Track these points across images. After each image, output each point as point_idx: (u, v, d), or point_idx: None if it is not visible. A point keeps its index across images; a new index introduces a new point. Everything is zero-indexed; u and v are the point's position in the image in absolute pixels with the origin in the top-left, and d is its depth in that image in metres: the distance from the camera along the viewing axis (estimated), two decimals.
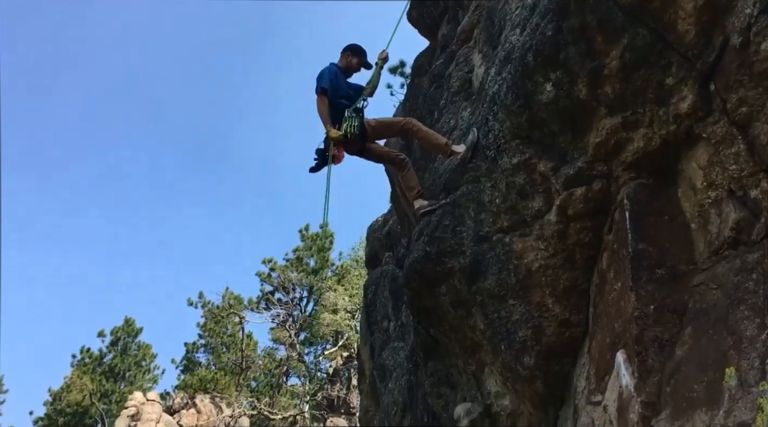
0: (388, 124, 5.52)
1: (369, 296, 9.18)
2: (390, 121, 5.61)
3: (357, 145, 5.37)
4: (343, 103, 5.38)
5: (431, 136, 5.09)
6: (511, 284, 4.00)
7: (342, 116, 5.26)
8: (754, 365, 2.33)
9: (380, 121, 5.45)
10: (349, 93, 5.53)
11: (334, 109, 5.31)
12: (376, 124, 5.36)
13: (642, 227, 3.18)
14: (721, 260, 2.81)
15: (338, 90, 5.47)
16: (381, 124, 5.43)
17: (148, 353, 31.62)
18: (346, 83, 5.72)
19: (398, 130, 5.50)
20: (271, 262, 27.26)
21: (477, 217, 4.30)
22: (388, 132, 5.71)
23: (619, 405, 2.98)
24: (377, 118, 5.47)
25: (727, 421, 2.31)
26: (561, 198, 3.72)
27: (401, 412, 6.44)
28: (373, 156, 5.58)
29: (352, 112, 5.29)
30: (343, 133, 5.16)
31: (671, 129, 3.08)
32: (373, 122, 5.36)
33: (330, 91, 5.36)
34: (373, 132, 5.37)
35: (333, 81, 5.45)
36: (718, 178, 2.88)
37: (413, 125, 5.18)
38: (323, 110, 5.32)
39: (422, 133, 5.15)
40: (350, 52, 5.84)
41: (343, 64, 5.81)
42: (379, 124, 5.41)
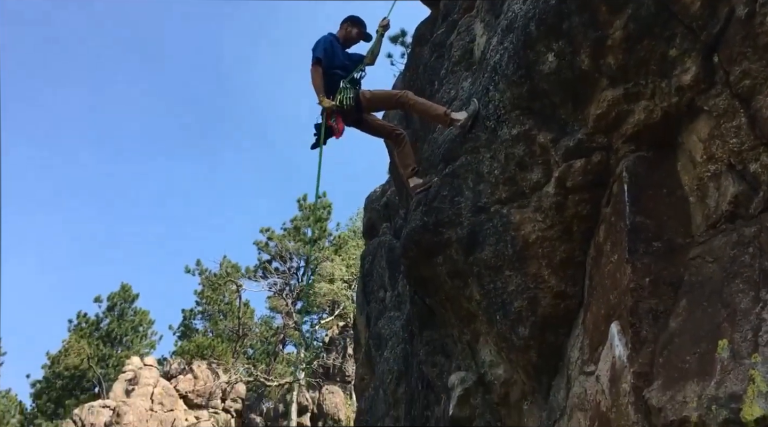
0: (384, 97, 5.42)
1: (366, 266, 9.22)
2: (386, 94, 5.51)
3: (352, 117, 5.31)
4: (338, 73, 5.33)
5: (429, 107, 5.01)
6: (508, 255, 4.01)
7: (337, 87, 5.20)
8: (747, 338, 2.34)
9: (375, 93, 5.36)
10: (345, 64, 5.47)
11: (330, 80, 5.25)
12: (371, 96, 5.28)
13: (640, 200, 3.17)
14: (718, 234, 2.81)
15: (333, 60, 5.40)
16: (376, 96, 5.35)
17: (145, 318, 31.89)
18: (344, 54, 5.64)
19: (394, 103, 5.40)
20: (268, 231, 27.35)
21: (475, 188, 4.29)
22: (384, 104, 5.62)
23: (612, 375, 3.01)
24: (373, 90, 5.39)
25: (718, 392, 2.34)
26: (560, 170, 3.71)
27: (396, 380, 6.51)
28: (370, 128, 5.54)
29: (347, 82, 5.23)
30: (335, 103, 5.10)
31: (673, 101, 3.06)
32: (368, 94, 5.29)
33: (324, 61, 5.29)
34: (368, 103, 5.29)
35: (327, 51, 5.38)
36: (718, 152, 2.87)
37: (409, 98, 5.08)
38: (317, 80, 5.26)
39: (419, 106, 5.07)
40: (349, 22, 5.77)
41: (342, 35, 5.74)
42: (375, 96, 5.33)
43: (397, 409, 6.40)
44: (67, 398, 28.43)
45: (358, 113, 5.30)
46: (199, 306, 31.03)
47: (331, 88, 5.22)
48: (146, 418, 21.92)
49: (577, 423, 3.35)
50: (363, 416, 8.04)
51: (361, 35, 5.81)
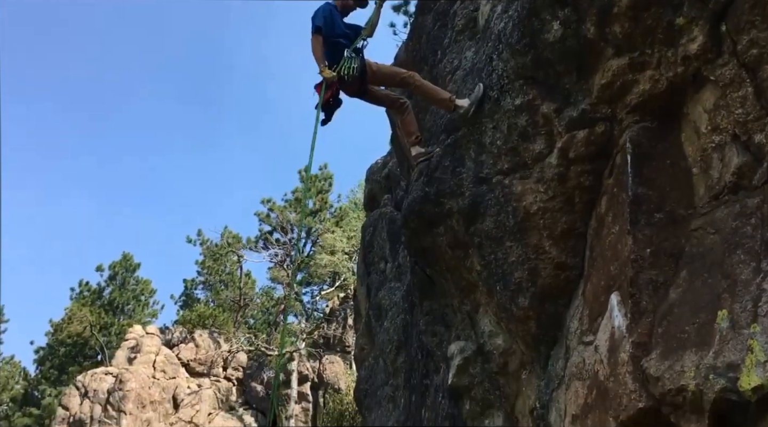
0: (390, 73, 5.31)
1: (367, 238, 9.23)
2: (392, 71, 5.38)
3: (357, 87, 5.20)
4: (341, 42, 5.18)
5: (434, 91, 4.91)
6: (509, 226, 4.01)
7: (341, 56, 5.09)
8: (747, 308, 2.35)
9: (382, 68, 5.25)
10: (347, 32, 5.33)
11: (332, 49, 5.13)
12: (377, 69, 5.17)
13: (643, 171, 3.16)
14: (721, 205, 2.80)
15: (334, 29, 5.25)
16: (382, 70, 5.23)
17: (147, 287, 32.09)
18: (344, 23, 5.50)
19: (399, 81, 5.25)
20: (269, 202, 27.31)
21: (477, 158, 4.27)
22: (389, 80, 5.44)
23: (611, 345, 3.03)
24: (380, 64, 5.26)
25: (716, 361, 2.36)
26: (563, 140, 3.69)
27: (396, 350, 6.57)
28: (374, 98, 5.45)
29: (351, 52, 5.11)
30: (337, 73, 4.99)
31: (679, 71, 3.02)
32: (374, 66, 5.16)
33: (325, 29, 5.16)
34: (374, 76, 5.17)
35: (327, 19, 5.24)
36: (723, 123, 2.84)
37: (415, 80, 4.99)
38: (318, 50, 5.12)
39: (424, 89, 4.98)
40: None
41: (340, 4, 5.57)
42: (381, 70, 5.22)
43: (397, 378, 6.47)
44: (71, 365, 28.77)
45: (362, 84, 5.17)
46: (201, 276, 31.19)
47: (334, 58, 5.07)
48: (148, 385, 22.20)
49: (575, 392, 3.38)
50: (363, 385, 8.13)
51: (359, 3, 5.65)
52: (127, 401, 21.34)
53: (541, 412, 3.87)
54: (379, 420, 6.80)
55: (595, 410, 3.09)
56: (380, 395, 6.99)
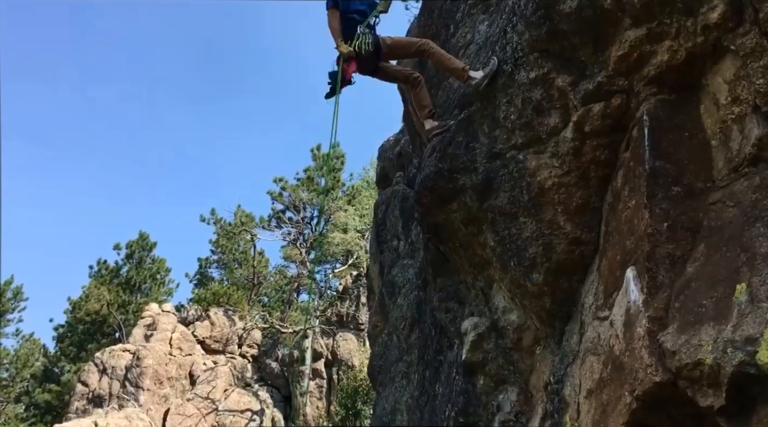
0: (405, 44, 5.29)
1: (379, 216, 9.23)
2: (406, 41, 5.36)
3: (371, 64, 5.18)
4: (355, 18, 5.14)
5: (448, 59, 4.84)
6: (523, 201, 3.98)
7: (354, 32, 5.04)
8: (766, 282, 2.32)
9: (396, 40, 5.23)
10: (361, 8, 5.27)
11: (346, 25, 5.10)
12: (391, 43, 5.14)
13: (660, 144, 3.11)
14: (740, 178, 2.75)
15: (350, 3, 5.22)
16: (397, 43, 5.21)
17: (163, 266, 32.40)
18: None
19: (414, 52, 5.23)
20: (282, 181, 27.37)
21: (491, 133, 4.22)
22: (404, 52, 5.44)
23: (626, 320, 3.01)
24: (393, 37, 5.23)
25: (734, 335, 2.33)
26: (578, 114, 3.63)
27: (409, 326, 6.60)
28: (386, 75, 5.42)
29: (365, 28, 5.07)
30: (353, 49, 4.97)
31: (698, 41, 2.96)
32: (388, 41, 5.13)
33: (341, 4, 5.14)
34: (388, 51, 5.16)
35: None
36: (743, 93, 2.78)
37: (430, 47, 4.95)
38: (334, 25, 5.10)
39: (438, 56, 4.90)
40: None
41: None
42: (395, 42, 5.19)
43: (410, 354, 6.50)
44: (89, 343, 29.23)
45: (377, 60, 5.15)
46: (215, 255, 31.45)
47: (348, 34, 5.07)
48: (165, 362, 22.51)
49: (590, 367, 3.37)
50: (376, 361, 8.19)
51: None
52: (145, 377, 21.67)
53: (555, 387, 3.87)
54: (393, 396, 6.85)
55: (610, 385, 3.09)
56: (394, 371, 7.04)
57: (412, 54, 5.36)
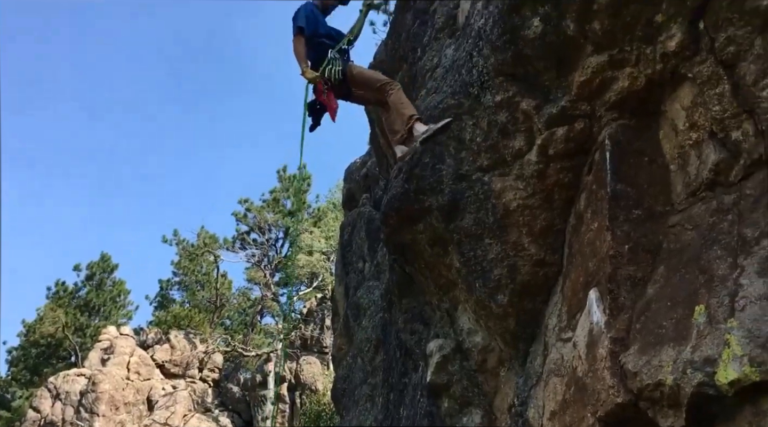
0: (369, 78, 4.98)
1: (345, 237, 9.20)
2: (372, 76, 5.03)
3: (341, 89, 4.99)
4: (325, 42, 4.99)
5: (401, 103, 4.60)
6: (489, 223, 4.00)
7: (325, 57, 4.86)
8: (724, 303, 2.36)
9: (362, 73, 4.99)
10: (331, 33, 5.14)
11: (316, 50, 4.95)
12: (356, 74, 4.92)
13: (621, 168, 3.17)
14: (698, 201, 2.82)
15: (318, 28, 5.05)
16: (362, 75, 4.97)
17: (123, 289, 31.64)
18: (326, 23, 5.33)
19: (376, 88, 4.87)
20: (247, 202, 27.11)
21: (457, 155, 4.26)
22: (366, 86, 5.03)
23: (589, 341, 3.03)
24: (361, 69, 5.03)
25: (693, 356, 2.37)
26: (542, 137, 3.69)
27: (374, 348, 6.55)
28: (358, 98, 5.24)
29: (336, 53, 4.90)
30: (319, 74, 4.80)
31: (657, 68, 3.04)
32: (355, 70, 4.93)
33: (308, 30, 4.96)
34: (352, 80, 4.92)
35: (310, 18, 5.03)
36: (700, 120, 2.87)
37: (393, 87, 4.69)
38: (299, 50, 4.93)
39: (396, 98, 4.64)
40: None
41: (320, 2, 5.37)
42: (360, 74, 4.96)
43: (375, 376, 6.44)
44: (43, 367, 28.24)
45: (346, 86, 4.94)
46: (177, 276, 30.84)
47: (318, 58, 4.90)
48: (122, 387, 21.86)
49: (553, 388, 3.38)
50: (340, 384, 8.09)
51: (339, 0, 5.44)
52: (100, 402, 20.99)
53: (519, 409, 3.87)
54: (357, 419, 6.76)
55: (573, 406, 3.10)
56: (358, 394, 6.96)
57: (374, 89, 4.98)
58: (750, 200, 2.52)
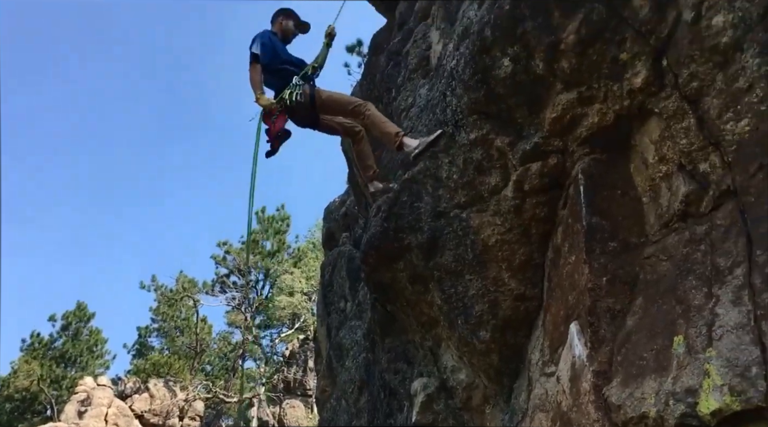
0: (341, 101, 4.92)
1: (326, 277, 9.15)
2: (344, 98, 4.97)
3: (306, 116, 4.90)
4: (287, 69, 4.91)
5: (383, 123, 4.62)
6: (468, 259, 4.03)
7: (288, 82, 4.79)
8: (702, 333, 2.39)
9: (332, 96, 4.89)
10: (292, 59, 5.09)
11: (278, 77, 4.87)
12: (327, 97, 4.85)
13: (595, 201, 3.23)
14: (671, 233, 2.87)
15: (277, 55, 4.97)
16: (333, 98, 4.88)
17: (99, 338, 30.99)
18: (286, 50, 5.23)
19: (350, 111, 4.84)
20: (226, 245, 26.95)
21: (435, 193, 4.30)
22: (339, 109, 4.96)
23: (572, 375, 3.04)
24: (331, 92, 4.94)
25: (675, 386, 2.38)
26: (517, 173, 3.75)
27: (358, 389, 6.46)
28: (326, 127, 5.15)
29: (300, 79, 4.83)
30: (281, 101, 4.71)
31: (625, 104, 3.13)
32: (324, 94, 4.85)
33: (265, 57, 4.85)
34: (323, 105, 4.85)
35: (267, 46, 4.95)
36: (669, 153, 2.94)
37: (367, 109, 4.69)
38: (254, 77, 4.82)
39: (374, 119, 4.65)
40: (282, 15, 5.33)
41: (278, 29, 5.30)
42: (331, 97, 4.87)
43: (360, 418, 6.34)
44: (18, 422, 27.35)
45: (312, 112, 4.86)
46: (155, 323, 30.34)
47: (281, 85, 4.82)
48: None
49: (539, 424, 3.36)
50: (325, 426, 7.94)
51: (299, 26, 5.37)
52: None
53: None
54: None
55: None
56: None
57: (347, 113, 4.93)
58: (721, 230, 2.57)
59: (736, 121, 2.59)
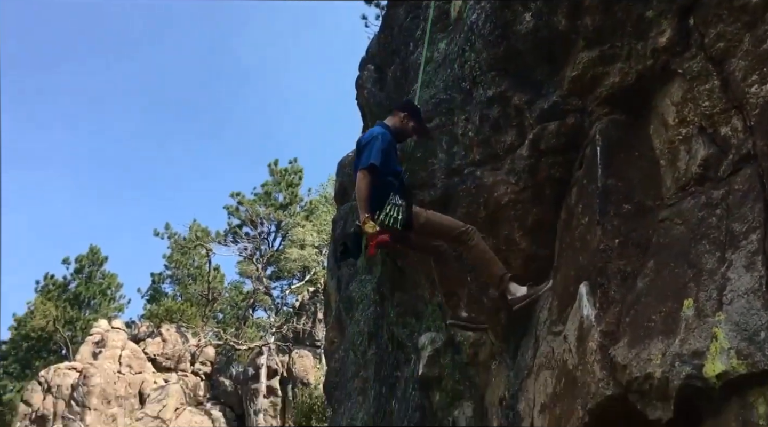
0: (443, 226, 4.12)
1: (337, 231, 9.20)
2: (446, 223, 4.11)
3: (399, 234, 4.14)
4: (390, 181, 4.16)
5: (489, 260, 3.95)
6: (480, 217, 4.03)
7: (385, 198, 4.06)
8: (712, 297, 2.39)
9: (432, 219, 4.12)
10: (398, 169, 4.32)
11: (377, 190, 4.09)
12: (425, 221, 4.11)
13: (612, 163, 3.20)
14: (687, 196, 2.85)
15: (389, 164, 4.20)
16: (432, 222, 4.12)
17: (114, 282, 31.60)
18: (397, 155, 4.43)
19: (452, 238, 4.10)
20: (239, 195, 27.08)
21: (449, 150, 4.28)
22: (439, 234, 4.23)
23: (579, 335, 3.06)
24: (430, 214, 4.15)
25: (682, 349, 2.39)
26: (534, 132, 3.71)
27: (366, 341, 6.57)
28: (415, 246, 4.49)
29: (399, 199, 4.07)
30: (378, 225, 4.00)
31: (648, 64, 3.06)
32: (423, 217, 4.11)
33: (382, 167, 4.09)
34: (421, 228, 4.14)
35: (385, 152, 4.16)
36: (690, 115, 2.89)
37: (471, 237, 3.95)
38: (364, 193, 4.07)
39: (478, 252, 3.97)
40: (409, 113, 4.40)
41: (396, 126, 4.37)
42: (430, 222, 4.12)
43: (367, 370, 6.47)
44: (35, 360, 28.19)
45: (405, 232, 4.13)
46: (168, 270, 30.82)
47: (378, 199, 4.08)
48: (114, 380, 21.85)
49: (543, 382, 3.41)
50: (332, 377, 8.12)
51: (419, 131, 4.44)
52: (92, 396, 20.98)
53: (510, 402, 3.90)
54: (349, 412, 6.79)
55: (563, 399, 3.13)
56: (350, 387, 6.99)
57: (449, 240, 4.22)
58: (738, 195, 2.54)
59: (761, 84, 2.53)
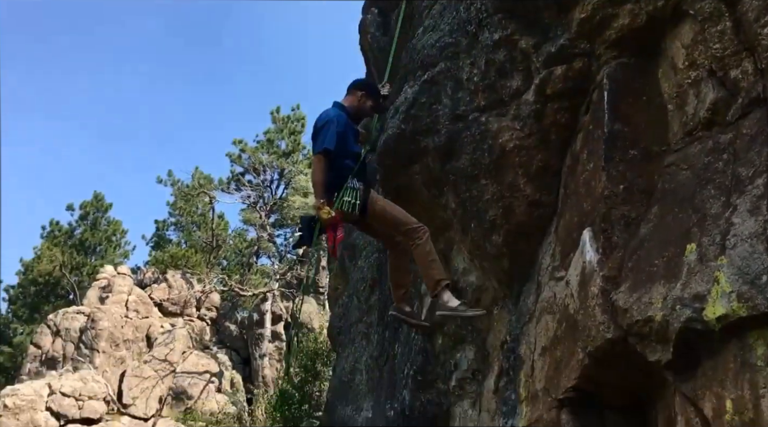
0: (394, 219, 4.16)
1: None
2: (399, 217, 4.15)
3: (355, 219, 4.27)
4: (347, 165, 4.17)
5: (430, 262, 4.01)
6: (485, 163, 4.00)
7: (342, 181, 4.07)
8: (715, 241, 2.40)
9: (387, 209, 4.17)
10: (356, 151, 4.32)
11: (335, 173, 4.11)
12: (380, 210, 4.16)
13: (619, 108, 3.16)
14: (694, 141, 2.82)
15: (346, 146, 4.20)
16: (386, 214, 4.16)
17: (119, 228, 31.81)
18: (354, 136, 4.42)
19: (402, 231, 4.14)
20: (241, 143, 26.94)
21: (454, 95, 4.22)
22: (390, 225, 4.24)
23: (581, 279, 3.09)
24: (386, 204, 4.22)
25: (683, 292, 2.42)
26: (540, 77, 3.65)
27: (369, 288, 6.64)
28: (369, 230, 4.60)
29: (357, 182, 4.11)
30: (334, 211, 4.05)
31: (658, 5, 2.99)
32: (378, 206, 4.16)
33: (336, 150, 4.10)
34: (374, 215, 4.17)
35: (340, 136, 4.18)
36: (700, 58, 2.83)
37: (422, 236, 4.02)
38: (319, 177, 4.08)
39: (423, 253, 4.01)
40: (365, 91, 4.52)
41: (353, 105, 4.46)
42: (384, 213, 4.16)
43: (370, 315, 6.57)
44: (43, 304, 28.66)
45: (361, 217, 4.19)
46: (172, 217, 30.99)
47: (336, 182, 4.11)
48: (121, 324, 22.25)
49: (545, 325, 3.47)
50: (336, 322, 8.25)
51: (377, 108, 4.58)
52: (100, 339, 21.41)
53: (511, 345, 3.97)
54: (353, 356, 6.93)
55: (564, 342, 3.18)
56: (354, 332, 7.11)
57: (398, 232, 4.22)
58: (746, 139, 2.52)
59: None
